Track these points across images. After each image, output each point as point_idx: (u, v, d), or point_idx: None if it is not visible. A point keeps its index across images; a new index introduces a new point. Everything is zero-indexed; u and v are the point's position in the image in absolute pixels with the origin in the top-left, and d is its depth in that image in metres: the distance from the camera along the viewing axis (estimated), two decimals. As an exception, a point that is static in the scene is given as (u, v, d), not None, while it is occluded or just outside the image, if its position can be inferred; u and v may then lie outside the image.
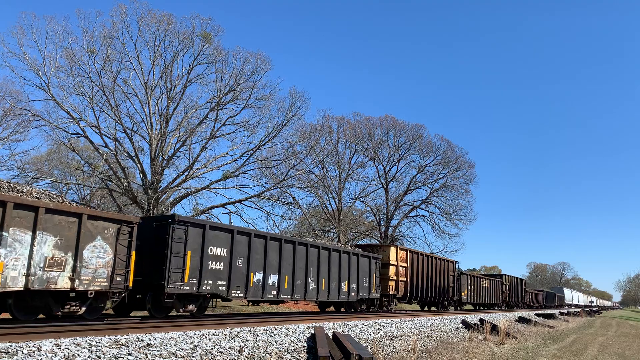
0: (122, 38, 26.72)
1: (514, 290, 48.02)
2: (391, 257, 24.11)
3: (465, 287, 34.11)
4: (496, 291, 41.54)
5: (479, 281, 37.55)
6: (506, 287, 44.70)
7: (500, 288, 43.07)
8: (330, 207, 44.28)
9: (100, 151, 26.57)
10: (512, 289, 47.27)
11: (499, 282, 43.19)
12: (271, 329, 10.96)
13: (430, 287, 28.25)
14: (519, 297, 49.88)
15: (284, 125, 30.10)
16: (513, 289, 47.60)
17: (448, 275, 30.93)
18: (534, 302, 57.75)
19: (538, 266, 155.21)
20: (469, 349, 13.93)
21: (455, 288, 31.82)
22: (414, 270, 26.26)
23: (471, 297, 35.58)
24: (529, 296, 55.06)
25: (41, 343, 6.74)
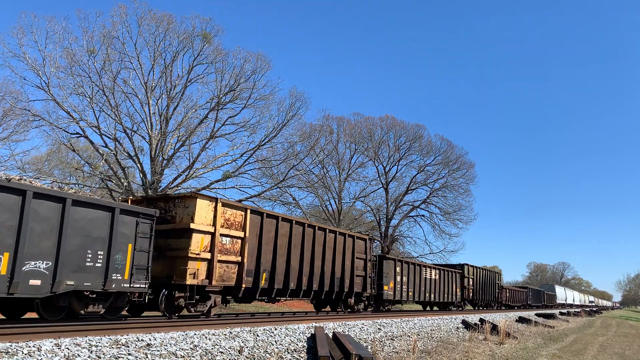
0: (122, 38, 26.78)
1: (483, 285, 38.06)
2: (197, 215, 13.02)
3: (391, 279, 23.85)
4: (451, 286, 31.89)
5: (419, 271, 27.41)
6: (469, 281, 34.99)
7: (459, 282, 33.42)
8: (330, 207, 44.31)
9: (100, 151, 26.58)
10: (480, 284, 37.48)
11: (456, 274, 33.17)
12: (271, 329, 10.96)
13: (303, 274, 17.01)
14: (491, 295, 40.36)
15: (284, 125, 30.15)
16: (480, 284, 37.65)
17: (354, 258, 20.36)
18: (514, 301, 48.87)
19: (538, 266, 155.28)
20: (469, 349, 13.93)
21: (371, 279, 21.63)
22: (263, 244, 15.23)
23: (403, 293, 25.17)
24: (507, 294, 46.04)
25: (41, 343, 6.74)
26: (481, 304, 38.41)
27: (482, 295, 37.75)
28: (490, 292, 39.79)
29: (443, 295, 30.57)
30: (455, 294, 32.68)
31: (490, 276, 40.33)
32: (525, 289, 55.27)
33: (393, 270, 24.28)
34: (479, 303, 37.51)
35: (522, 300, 51.92)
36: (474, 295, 35.97)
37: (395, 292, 24.34)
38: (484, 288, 38.17)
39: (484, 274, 38.39)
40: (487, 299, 39.02)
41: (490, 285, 39.84)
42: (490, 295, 39.84)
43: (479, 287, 36.83)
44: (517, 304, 49.76)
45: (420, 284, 27.34)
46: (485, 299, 38.60)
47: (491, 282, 40.22)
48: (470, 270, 35.67)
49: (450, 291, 31.77)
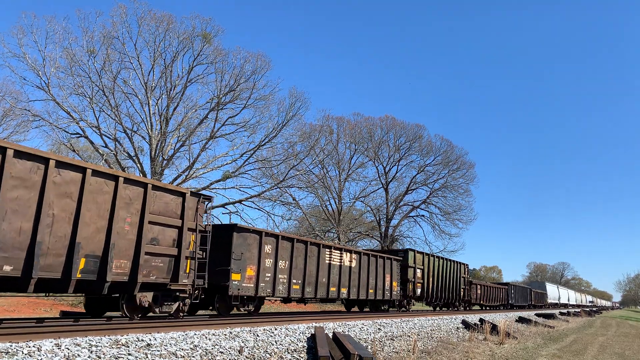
0: (122, 38, 26.81)
1: (440, 279, 29.28)
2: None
3: (251, 263, 14.84)
4: (383, 279, 22.73)
5: (317, 254, 17.86)
6: (416, 272, 26.05)
7: (398, 273, 24.36)
8: (330, 207, 44.34)
9: (100, 151, 26.59)
10: (435, 278, 28.56)
11: (393, 263, 23.95)
12: (271, 329, 10.96)
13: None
14: (453, 292, 31.41)
15: (284, 125, 30.19)
16: (436, 277, 28.80)
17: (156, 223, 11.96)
18: (490, 299, 40.12)
19: (538, 266, 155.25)
20: (469, 349, 13.94)
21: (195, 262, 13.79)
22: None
23: (278, 286, 15.88)
24: (478, 291, 37.12)
25: (41, 343, 6.74)
26: (438, 303, 30.43)
27: (439, 292, 29.01)
28: (451, 289, 31.03)
29: (367, 291, 21.21)
30: (391, 289, 23.46)
31: (452, 268, 31.29)
32: (505, 286, 46.32)
33: (257, 250, 14.86)
34: (433, 301, 29.00)
35: (500, 299, 43.51)
36: (426, 291, 27.38)
37: (258, 284, 14.84)
38: (443, 283, 29.65)
39: (442, 265, 29.84)
40: (447, 296, 30.29)
41: (453, 280, 31.16)
42: (451, 293, 31.04)
43: (433, 281, 28.28)
44: (493, 303, 41.50)
45: (318, 273, 17.64)
46: (445, 296, 29.98)
47: (453, 276, 31.29)
48: (419, 259, 26.69)
49: (382, 285, 22.62)
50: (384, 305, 24.64)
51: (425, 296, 27.27)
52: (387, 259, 23.35)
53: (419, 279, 26.44)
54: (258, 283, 14.82)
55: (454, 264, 32.02)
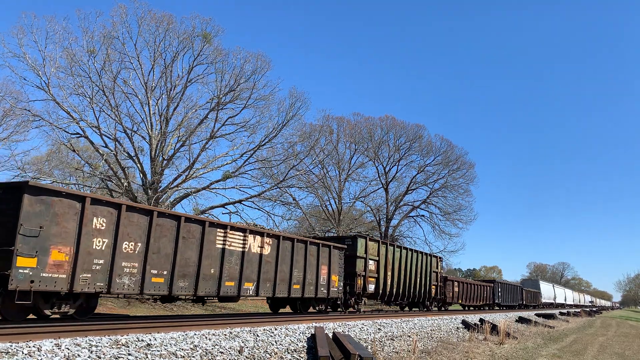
0: (122, 38, 26.79)
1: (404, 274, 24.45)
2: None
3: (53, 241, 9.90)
4: (317, 271, 17.86)
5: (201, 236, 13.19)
6: (367, 264, 20.98)
7: (339, 265, 19.26)
8: (330, 207, 44.35)
9: (100, 151, 26.59)
10: (397, 272, 23.68)
11: (334, 252, 18.94)
12: (271, 329, 10.96)
13: None
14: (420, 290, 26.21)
15: (284, 126, 30.17)
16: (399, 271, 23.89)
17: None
18: (470, 299, 35.16)
19: (538, 266, 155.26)
20: (469, 349, 13.94)
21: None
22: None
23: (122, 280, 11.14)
24: (455, 289, 32.04)
25: (41, 343, 6.74)
26: (401, 302, 25.49)
27: (401, 289, 23.89)
28: (419, 285, 26.07)
29: (288, 287, 16.45)
30: (329, 285, 18.29)
31: (419, 261, 26.23)
32: (490, 284, 41.23)
33: (76, 223, 10.28)
34: (393, 300, 23.84)
35: (484, 298, 38.28)
36: (383, 288, 22.09)
37: (75, 275, 10.19)
38: (407, 278, 24.60)
39: (405, 257, 24.48)
40: (413, 294, 25.30)
41: (421, 275, 26.25)
42: (419, 290, 26.08)
43: (393, 276, 23.09)
44: (475, 303, 36.49)
45: (201, 261, 13.03)
46: (410, 294, 25.02)
47: (421, 271, 26.35)
48: (372, 248, 21.50)
49: (315, 280, 17.63)
50: (320, 305, 18.75)
51: (381, 293, 22.09)
52: (324, 247, 17.84)
53: (372, 272, 21.31)
54: (75, 273, 10.07)
55: (423, 256, 26.97)
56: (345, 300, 20.20)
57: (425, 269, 27.11)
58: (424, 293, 26.86)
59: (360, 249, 20.61)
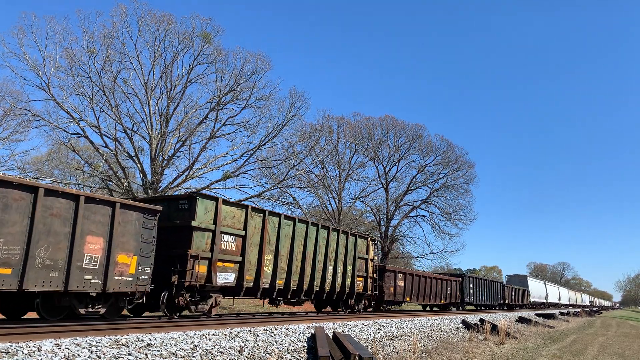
0: (122, 38, 26.79)
1: (294, 260, 16.46)
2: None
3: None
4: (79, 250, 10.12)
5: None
6: (212, 240, 13.26)
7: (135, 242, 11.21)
8: (331, 207, 44.33)
9: (100, 151, 26.58)
10: (275, 256, 15.65)
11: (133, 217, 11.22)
12: (271, 329, 10.96)
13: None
14: (334, 284, 18.62)
15: (284, 126, 30.16)
16: (283, 254, 16.08)
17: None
18: (428, 297, 28.07)
19: (538, 266, 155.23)
20: (469, 349, 13.93)
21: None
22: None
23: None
24: (397, 283, 24.37)
25: (41, 343, 6.74)
26: (296, 300, 17.15)
27: (299, 282, 16.65)
28: (334, 278, 18.51)
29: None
30: (106, 272, 10.63)
31: (334, 242, 18.66)
32: (458, 278, 33.27)
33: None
34: (284, 297, 16.53)
35: (447, 295, 30.94)
36: (258, 278, 14.85)
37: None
38: (311, 266, 17.25)
39: (305, 235, 17.03)
40: (320, 288, 17.75)
41: (336, 263, 18.69)
42: (333, 284, 18.48)
43: (281, 261, 15.90)
44: (433, 302, 29.18)
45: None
46: (317, 289, 17.58)
47: (337, 256, 18.71)
48: (230, 216, 14.06)
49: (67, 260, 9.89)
50: (86, 307, 10.73)
51: (251, 287, 14.62)
52: (92, 203, 10.42)
53: (228, 254, 13.71)
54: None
55: (340, 236, 18.99)
56: (168, 297, 12.35)
57: (344, 253, 19.25)
58: (344, 288, 19.06)
59: (201, 216, 12.90)
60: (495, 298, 41.57)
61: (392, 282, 24.23)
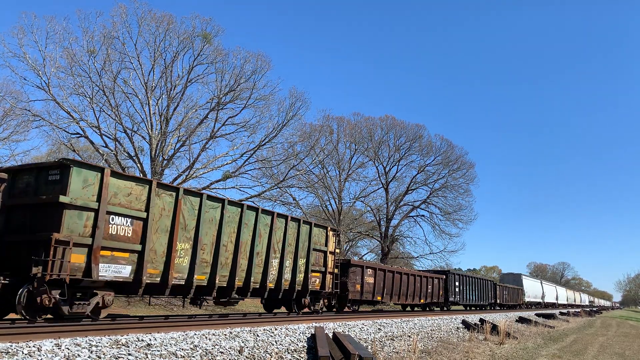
0: (122, 38, 26.82)
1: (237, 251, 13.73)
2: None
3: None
4: None
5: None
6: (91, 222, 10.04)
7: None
8: (331, 207, 44.34)
9: (100, 151, 26.59)
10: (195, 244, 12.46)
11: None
12: (271, 329, 10.96)
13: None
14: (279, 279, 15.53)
15: (284, 126, 30.18)
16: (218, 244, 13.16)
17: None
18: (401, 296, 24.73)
19: (538, 266, 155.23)
20: (469, 349, 13.93)
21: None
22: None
23: None
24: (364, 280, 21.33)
25: (41, 343, 6.73)
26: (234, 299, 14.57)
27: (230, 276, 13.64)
28: (282, 272, 15.61)
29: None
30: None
31: (281, 230, 15.69)
32: (441, 275, 30.60)
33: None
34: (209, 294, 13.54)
35: (428, 294, 27.97)
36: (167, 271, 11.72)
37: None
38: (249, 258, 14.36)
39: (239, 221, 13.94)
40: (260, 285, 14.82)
41: (285, 255, 15.74)
42: (279, 279, 15.58)
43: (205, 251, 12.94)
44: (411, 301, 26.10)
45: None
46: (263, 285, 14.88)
47: (285, 247, 15.75)
48: (124, 191, 10.88)
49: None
50: None
51: (151, 282, 11.45)
52: None
53: (118, 240, 10.70)
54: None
55: (289, 223, 15.79)
56: (29, 295, 9.46)
57: (295, 245, 16.22)
58: (293, 285, 16.10)
59: (77, 190, 9.97)
60: (486, 297, 38.64)
61: (358, 278, 21.06)
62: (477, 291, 36.58)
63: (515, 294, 48.76)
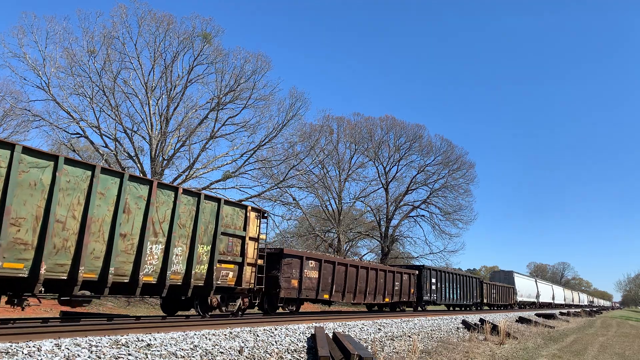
0: (123, 38, 26.81)
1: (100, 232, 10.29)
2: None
3: None
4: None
5: None
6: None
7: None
8: (331, 207, 44.32)
9: (100, 151, 26.58)
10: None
11: None
12: (271, 329, 10.96)
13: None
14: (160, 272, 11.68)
15: (284, 126, 30.18)
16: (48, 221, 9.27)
17: None
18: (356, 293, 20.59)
19: (538, 266, 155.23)
20: (469, 349, 13.93)
21: None
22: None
23: None
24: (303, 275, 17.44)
25: (41, 343, 6.73)
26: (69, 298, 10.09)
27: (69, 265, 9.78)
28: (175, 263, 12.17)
29: None
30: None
31: (183, 209, 12.32)
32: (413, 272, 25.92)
33: None
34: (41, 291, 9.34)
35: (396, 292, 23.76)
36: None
37: None
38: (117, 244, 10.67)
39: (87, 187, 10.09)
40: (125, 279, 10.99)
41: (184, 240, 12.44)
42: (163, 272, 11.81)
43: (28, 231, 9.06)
44: (372, 300, 22.00)
45: None
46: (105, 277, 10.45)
47: (174, 229, 12.03)
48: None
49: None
50: None
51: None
52: None
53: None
54: None
55: (180, 198, 12.20)
56: None
57: (192, 226, 12.74)
58: (188, 279, 12.62)
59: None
60: (470, 296, 34.66)
61: (295, 272, 17.27)
62: (459, 289, 32.70)
63: (505, 293, 45.36)
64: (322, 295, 18.67)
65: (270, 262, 16.23)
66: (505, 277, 50.37)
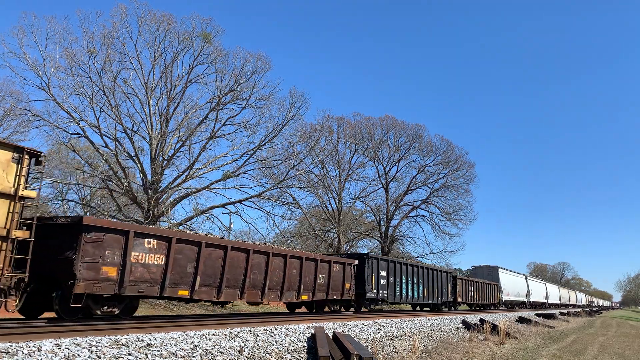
0: (123, 38, 26.78)
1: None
2: None
3: None
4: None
5: None
6: None
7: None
8: (331, 207, 44.30)
9: (100, 151, 26.56)
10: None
11: None
12: (271, 329, 10.96)
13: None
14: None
15: (284, 126, 30.15)
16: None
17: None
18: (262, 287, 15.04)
19: (538, 266, 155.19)
20: (469, 349, 13.93)
21: None
22: None
23: None
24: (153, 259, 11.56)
25: (41, 343, 6.73)
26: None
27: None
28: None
29: None
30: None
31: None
32: (351, 261, 20.76)
33: None
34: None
35: (320, 287, 18.19)
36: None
37: None
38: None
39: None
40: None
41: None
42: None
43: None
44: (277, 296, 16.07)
45: None
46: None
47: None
48: None
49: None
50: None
51: None
52: None
53: None
54: None
55: None
56: None
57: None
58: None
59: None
60: (439, 294, 29.29)
61: (112, 255, 11.06)
62: (422, 286, 27.05)
63: (488, 290, 39.46)
64: (175, 292, 12.56)
65: (57, 238, 10.70)
66: (490, 273, 44.45)
